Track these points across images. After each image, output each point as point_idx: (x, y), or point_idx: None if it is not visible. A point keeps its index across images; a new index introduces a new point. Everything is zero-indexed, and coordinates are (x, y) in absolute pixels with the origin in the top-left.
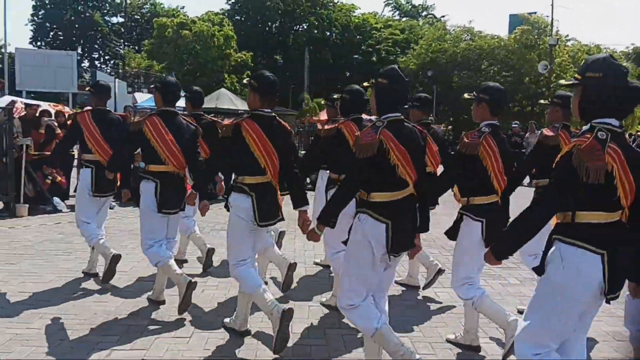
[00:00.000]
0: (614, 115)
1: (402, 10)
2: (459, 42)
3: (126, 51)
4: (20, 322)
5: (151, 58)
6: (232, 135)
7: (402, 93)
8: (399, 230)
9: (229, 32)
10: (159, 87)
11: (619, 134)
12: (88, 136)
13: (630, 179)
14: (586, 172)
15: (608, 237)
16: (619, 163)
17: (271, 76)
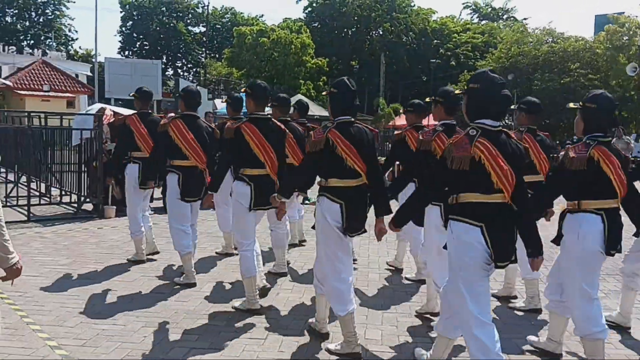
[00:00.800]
0: (489, 117)
1: (481, 13)
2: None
3: (207, 60)
4: (107, 319)
5: (231, 66)
6: (234, 136)
7: (349, 100)
8: (352, 211)
9: (306, 39)
10: (250, 93)
11: (493, 131)
12: (182, 142)
13: (503, 168)
14: (452, 161)
15: (486, 213)
16: (487, 154)
17: (262, 84)
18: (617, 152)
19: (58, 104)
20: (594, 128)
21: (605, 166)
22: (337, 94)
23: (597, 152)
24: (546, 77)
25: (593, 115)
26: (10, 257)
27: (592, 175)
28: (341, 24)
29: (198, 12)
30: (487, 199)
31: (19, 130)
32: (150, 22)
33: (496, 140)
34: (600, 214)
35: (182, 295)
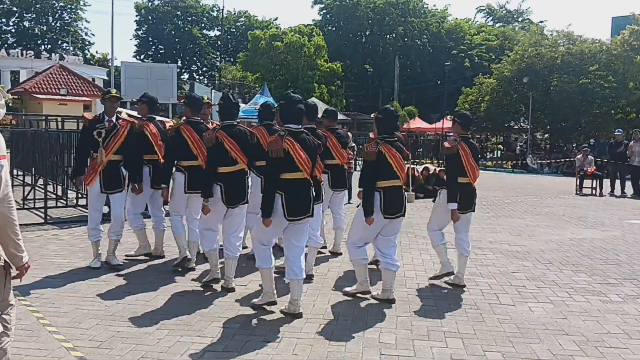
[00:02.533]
0: (294, 122)
1: (496, 15)
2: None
3: (222, 63)
4: (122, 321)
5: (245, 69)
6: (176, 135)
7: (232, 109)
8: (230, 187)
9: (320, 42)
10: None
11: (297, 132)
12: (232, 149)
13: (302, 156)
14: (270, 152)
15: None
16: (294, 147)
17: (196, 95)
18: (400, 148)
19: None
20: (382, 131)
21: (388, 157)
22: (223, 105)
23: (383, 147)
24: (564, 79)
25: (381, 122)
26: (23, 255)
27: (380, 164)
28: (355, 28)
29: (213, 15)
30: (293, 176)
31: (37, 134)
32: (165, 26)
33: (297, 138)
34: (380, 190)
35: (197, 298)
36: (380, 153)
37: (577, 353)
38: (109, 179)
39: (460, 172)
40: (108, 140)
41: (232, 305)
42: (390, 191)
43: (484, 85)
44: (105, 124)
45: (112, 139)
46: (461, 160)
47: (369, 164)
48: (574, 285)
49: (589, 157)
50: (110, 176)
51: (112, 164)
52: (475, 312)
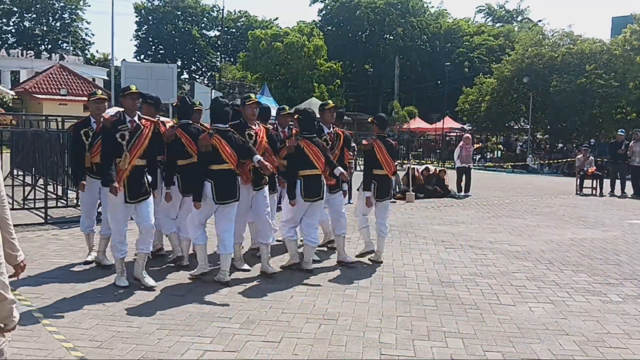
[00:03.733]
0: (221, 122)
1: (495, 15)
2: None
3: (222, 63)
4: (122, 321)
5: (245, 69)
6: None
7: (187, 110)
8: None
9: (319, 42)
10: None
11: (224, 130)
12: (188, 145)
13: (227, 151)
14: (200, 147)
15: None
16: (221, 143)
17: (153, 95)
18: (318, 142)
19: (75, 108)
20: (303, 129)
21: (307, 151)
22: (179, 106)
23: (302, 143)
24: (563, 79)
25: (302, 122)
26: (18, 254)
27: (299, 156)
28: (355, 28)
29: (213, 16)
30: (220, 167)
31: (37, 134)
32: (165, 26)
33: (224, 135)
34: (300, 178)
35: (197, 298)
36: (299, 147)
37: (577, 353)
38: (134, 187)
39: (376, 166)
40: (132, 143)
41: (232, 305)
42: (309, 179)
43: (484, 85)
44: (128, 125)
45: (137, 141)
46: (376, 155)
47: (291, 156)
48: (574, 285)
49: (589, 157)
50: (136, 184)
51: (137, 169)
52: (476, 312)
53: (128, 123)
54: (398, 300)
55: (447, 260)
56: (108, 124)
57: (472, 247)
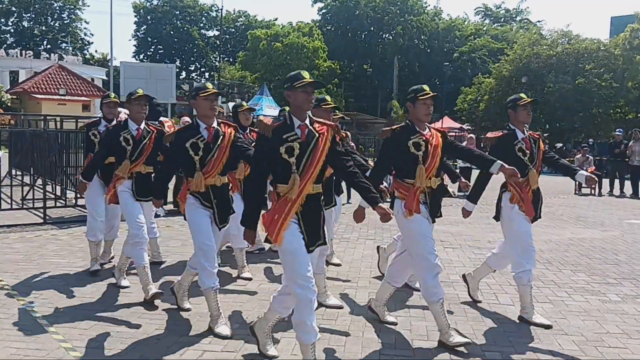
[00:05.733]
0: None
1: (494, 16)
2: (556, 46)
3: (221, 63)
4: (120, 321)
5: (245, 69)
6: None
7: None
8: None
9: (318, 43)
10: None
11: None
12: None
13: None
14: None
15: None
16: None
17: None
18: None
19: (74, 108)
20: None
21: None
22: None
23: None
24: (560, 79)
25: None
26: None
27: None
28: (354, 27)
29: (212, 15)
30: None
31: (35, 134)
32: (164, 26)
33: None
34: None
35: (195, 298)
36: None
37: (577, 353)
38: (142, 187)
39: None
40: (140, 149)
41: (230, 306)
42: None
43: (483, 85)
44: (134, 132)
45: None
46: None
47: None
48: (573, 285)
49: (588, 157)
50: (144, 186)
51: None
52: (475, 312)
53: (135, 130)
54: (397, 300)
55: (446, 260)
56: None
57: (471, 246)
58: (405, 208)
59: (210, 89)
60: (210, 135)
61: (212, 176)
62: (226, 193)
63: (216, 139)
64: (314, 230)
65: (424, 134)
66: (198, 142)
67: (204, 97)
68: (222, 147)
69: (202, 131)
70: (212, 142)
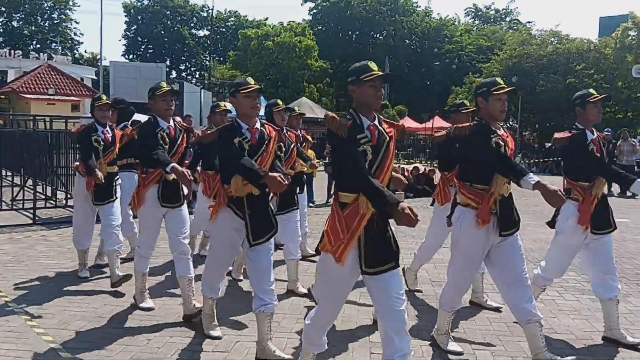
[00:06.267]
0: None
1: (484, 16)
2: (546, 46)
3: (212, 63)
4: (111, 322)
5: (235, 69)
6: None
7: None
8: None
9: (310, 42)
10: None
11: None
12: None
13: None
14: None
15: None
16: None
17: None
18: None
19: (63, 108)
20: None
21: None
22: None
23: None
24: (550, 78)
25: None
26: None
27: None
28: (345, 27)
29: (202, 15)
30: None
31: (25, 134)
32: (155, 26)
33: None
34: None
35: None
36: None
37: (567, 351)
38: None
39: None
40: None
41: (221, 307)
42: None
43: (474, 85)
44: (101, 135)
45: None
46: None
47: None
48: (564, 284)
49: None
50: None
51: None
52: (465, 311)
53: (101, 133)
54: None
55: (437, 260)
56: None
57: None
58: (478, 217)
59: (253, 85)
60: (254, 137)
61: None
62: (265, 206)
63: (261, 141)
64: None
65: (500, 134)
66: (243, 144)
67: (246, 94)
68: (267, 152)
69: (244, 132)
70: (256, 144)
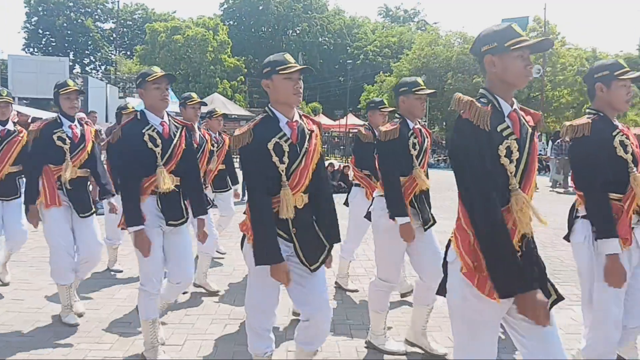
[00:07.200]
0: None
1: (393, 16)
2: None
3: (117, 57)
4: (14, 329)
5: (143, 63)
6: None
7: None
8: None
9: (224, 37)
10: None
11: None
12: None
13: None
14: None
15: None
16: None
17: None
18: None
19: None
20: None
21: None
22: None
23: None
24: (458, 77)
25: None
26: None
27: None
28: (258, 23)
29: (107, 7)
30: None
31: None
32: (57, 17)
33: None
34: None
35: (93, 304)
36: None
37: None
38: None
39: None
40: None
41: (131, 310)
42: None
43: (384, 84)
44: (68, 130)
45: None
46: None
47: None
48: None
49: None
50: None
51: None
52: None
53: (66, 128)
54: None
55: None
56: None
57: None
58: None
59: (293, 64)
60: (294, 133)
61: (297, 193)
62: (309, 218)
63: (302, 138)
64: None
65: (622, 129)
66: (282, 144)
67: (286, 75)
68: (310, 150)
69: (283, 127)
70: (297, 142)
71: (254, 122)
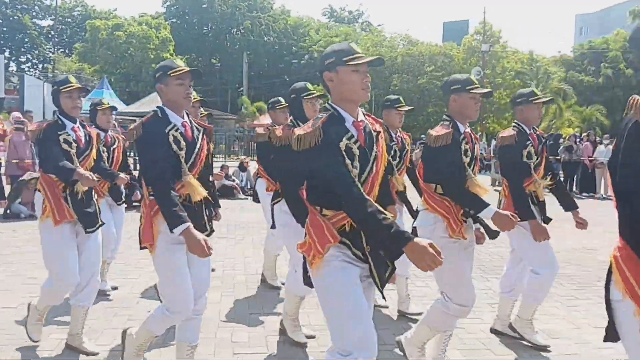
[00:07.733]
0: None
1: (337, 17)
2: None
3: (56, 54)
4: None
5: (83, 61)
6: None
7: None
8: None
9: (167, 35)
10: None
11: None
12: None
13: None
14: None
15: None
16: None
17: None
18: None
19: None
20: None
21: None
22: None
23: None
24: (403, 78)
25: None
26: None
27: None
28: (201, 21)
29: (45, 4)
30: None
31: None
32: None
33: None
34: None
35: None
36: None
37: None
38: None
39: None
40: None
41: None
42: None
43: None
44: (72, 133)
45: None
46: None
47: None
48: None
49: None
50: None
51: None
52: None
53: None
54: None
55: None
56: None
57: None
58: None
59: (361, 54)
60: (361, 135)
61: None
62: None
63: (370, 140)
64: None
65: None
66: (351, 146)
67: (355, 67)
68: (379, 155)
69: (349, 128)
70: (366, 145)
71: (320, 120)
